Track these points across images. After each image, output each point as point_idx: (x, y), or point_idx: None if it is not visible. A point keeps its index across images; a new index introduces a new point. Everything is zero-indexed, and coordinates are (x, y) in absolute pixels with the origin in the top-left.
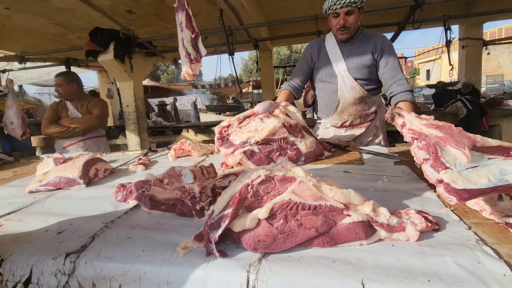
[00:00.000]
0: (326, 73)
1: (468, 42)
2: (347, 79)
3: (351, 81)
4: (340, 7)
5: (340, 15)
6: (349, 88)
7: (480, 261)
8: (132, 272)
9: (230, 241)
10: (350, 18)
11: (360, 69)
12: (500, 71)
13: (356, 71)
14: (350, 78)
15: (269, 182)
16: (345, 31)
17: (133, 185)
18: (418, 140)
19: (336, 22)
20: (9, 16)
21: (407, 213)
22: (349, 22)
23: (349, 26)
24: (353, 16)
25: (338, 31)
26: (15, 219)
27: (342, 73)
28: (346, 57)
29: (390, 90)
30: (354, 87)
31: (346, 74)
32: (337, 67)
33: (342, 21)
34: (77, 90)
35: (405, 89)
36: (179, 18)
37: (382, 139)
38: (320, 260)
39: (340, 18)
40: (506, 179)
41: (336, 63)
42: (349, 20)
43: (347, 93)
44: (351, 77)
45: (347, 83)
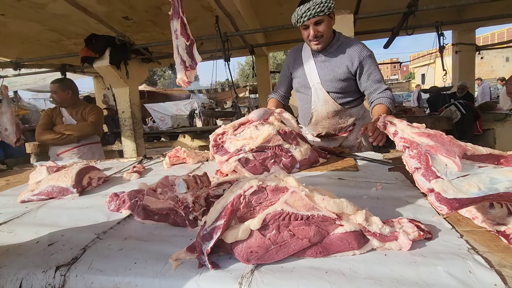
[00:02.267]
0: (301, 84)
1: (461, 47)
2: (320, 92)
3: (324, 94)
4: (307, 19)
5: (310, 27)
6: (322, 102)
7: (472, 270)
8: (123, 285)
9: (223, 252)
10: (320, 27)
11: (333, 82)
12: (494, 75)
13: (329, 84)
14: (323, 92)
15: (261, 193)
16: (318, 41)
17: (126, 195)
18: (409, 149)
19: (307, 34)
20: (4, 23)
21: (400, 222)
22: (320, 32)
23: (322, 34)
24: (323, 24)
25: (312, 42)
26: (6, 231)
27: (315, 85)
28: (320, 68)
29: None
30: (327, 101)
31: (320, 87)
32: (311, 79)
33: (312, 32)
34: (72, 97)
35: (385, 95)
36: (174, 26)
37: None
38: (313, 271)
39: (310, 29)
40: (496, 188)
41: (310, 75)
42: (319, 29)
43: (320, 106)
44: (324, 91)
45: (320, 96)
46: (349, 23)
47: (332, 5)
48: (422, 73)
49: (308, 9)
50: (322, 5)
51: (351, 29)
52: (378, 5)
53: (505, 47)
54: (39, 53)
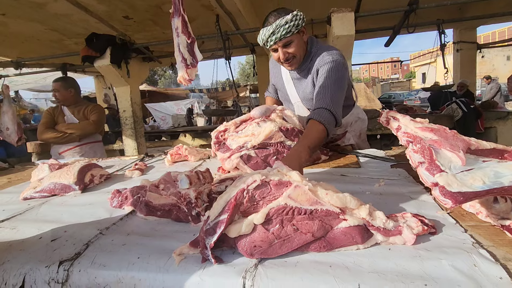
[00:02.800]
0: (283, 98)
1: (462, 46)
2: (301, 109)
3: (306, 112)
4: (274, 43)
5: (278, 50)
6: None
7: (477, 264)
8: (126, 279)
9: (226, 247)
10: (290, 49)
11: (309, 101)
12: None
13: (307, 103)
14: (305, 109)
15: (264, 187)
16: (290, 62)
17: (129, 191)
18: (413, 144)
19: (277, 56)
20: (5, 22)
21: (404, 217)
22: (291, 53)
23: (293, 55)
24: (293, 45)
25: (284, 64)
26: (9, 227)
27: (297, 103)
28: (297, 86)
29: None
30: None
31: (301, 105)
32: (292, 96)
33: (282, 55)
34: (74, 96)
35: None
36: (175, 24)
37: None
38: (317, 265)
39: (279, 52)
40: (500, 182)
41: (290, 92)
42: (290, 51)
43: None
44: (306, 109)
45: (302, 113)
46: (350, 21)
47: (300, 21)
48: (423, 72)
49: (273, 33)
50: (287, 25)
51: (352, 27)
52: (379, 3)
53: (506, 45)
54: (40, 53)
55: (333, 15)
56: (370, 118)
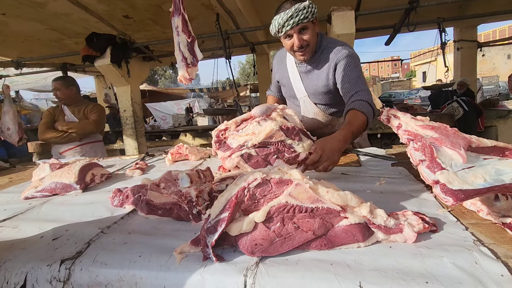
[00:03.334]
0: (289, 94)
1: (462, 44)
2: (308, 104)
3: (313, 107)
4: (291, 28)
5: (294, 36)
6: (312, 114)
7: (478, 261)
8: (128, 278)
9: (227, 245)
10: (305, 35)
11: (318, 95)
12: (495, 72)
13: (315, 97)
14: (312, 105)
15: (265, 185)
16: (304, 51)
17: (130, 190)
18: (414, 141)
19: (291, 44)
20: (5, 22)
21: (404, 215)
22: (306, 41)
23: (308, 43)
24: (309, 32)
25: (297, 52)
26: (10, 226)
27: (303, 98)
28: (305, 80)
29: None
30: (317, 113)
31: (307, 100)
32: (298, 91)
33: (298, 41)
34: (75, 94)
35: (359, 98)
36: (175, 23)
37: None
38: (318, 263)
39: (294, 39)
40: (501, 179)
41: (296, 87)
42: (304, 38)
43: (309, 119)
44: (313, 104)
45: (309, 109)
46: (350, 19)
47: (315, 10)
48: (423, 71)
49: (291, 16)
50: (305, 10)
51: (352, 26)
52: (379, 2)
53: (507, 43)
54: (40, 52)
55: (333, 13)
56: None
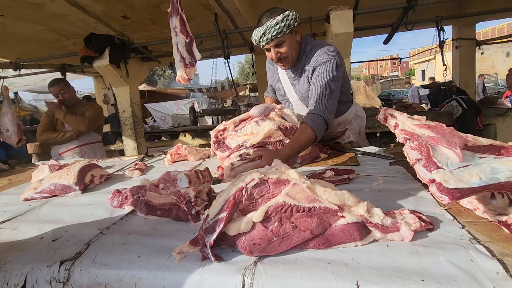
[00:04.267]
0: (282, 97)
1: (461, 43)
2: (301, 107)
3: (305, 110)
4: (266, 43)
5: (271, 49)
6: None
7: (473, 259)
8: (127, 278)
9: (226, 245)
10: (282, 49)
11: (307, 99)
12: (494, 70)
13: (306, 100)
14: (304, 108)
15: (263, 185)
16: (283, 63)
17: (129, 191)
18: (410, 141)
19: (270, 56)
20: (4, 23)
21: (401, 213)
22: (283, 53)
23: (285, 56)
24: (285, 45)
25: (278, 63)
26: (10, 227)
27: (295, 101)
28: (294, 85)
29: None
30: None
31: (299, 103)
32: (290, 95)
33: (274, 55)
34: (75, 93)
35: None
36: (173, 23)
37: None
38: (316, 262)
39: (271, 52)
40: (497, 178)
41: (288, 91)
42: (281, 51)
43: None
44: (305, 107)
45: (302, 112)
46: (349, 18)
47: (292, 21)
48: (422, 69)
49: (264, 33)
50: (278, 26)
51: (350, 24)
52: (377, 0)
53: (506, 41)
54: (38, 54)
55: (331, 12)
56: (370, 116)
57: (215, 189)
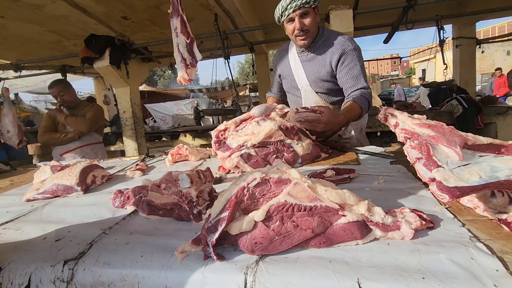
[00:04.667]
0: (290, 85)
1: (461, 41)
2: (310, 94)
3: (314, 96)
4: (293, 10)
5: (295, 19)
6: (313, 103)
7: (474, 257)
8: (130, 277)
9: (228, 244)
10: (306, 20)
11: (319, 82)
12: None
13: (317, 85)
14: (313, 93)
15: (264, 185)
16: (304, 36)
17: (131, 191)
18: (410, 140)
19: (293, 28)
20: (4, 25)
21: (402, 212)
22: (306, 25)
23: (308, 28)
24: (309, 17)
25: (297, 37)
26: (13, 228)
27: (304, 87)
28: (306, 68)
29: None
30: (318, 102)
31: (309, 89)
32: (299, 80)
33: (299, 24)
34: (76, 95)
35: (361, 94)
36: (173, 24)
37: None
38: (317, 261)
39: (295, 22)
40: (497, 176)
41: (298, 76)
42: (305, 22)
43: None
44: (314, 92)
45: (311, 98)
46: (349, 18)
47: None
48: (423, 68)
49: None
50: None
51: (350, 24)
52: (377, 0)
53: (506, 40)
54: (39, 55)
55: (331, 12)
56: (370, 115)
57: (216, 189)
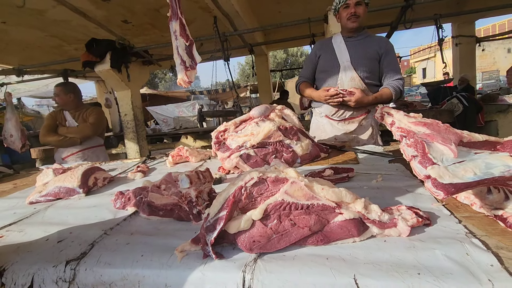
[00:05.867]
0: (329, 63)
1: (461, 40)
2: (348, 69)
3: (352, 71)
4: None
5: (350, 5)
6: (349, 78)
7: (469, 253)
8: (131, 276)
9: (226, 243)
10: (359, 8)
11: (362, 60)
12: (496, 66)
13: (358, 62)
14: (352, 69)
15: (262, 184)
16: (356, 19)
17: (131, 192)
18: (406, 138)
19: (347, 13)
20: (6, 30)
21: (398, 209)
22: (358, 12)
23: (359, 15)
24: (362, 7)
25: (349, 20)
26: (16, 230)
27: (344, 63)
28: (351, 49)
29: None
30: (354, 78)
31: (348, 65)
32: (341, 58)
33: (353, 9)
34: (74, 101)
35: (397, 84)
36: (173, 27)
37: (378, 140)
38: (314, 258)
39: (350, 8)
40: (491, 173)
41: (340, 55)
42: (358, 10)
43: (346, 82)
44: (353, 68)
45: (348, 74)
46: None
47: None
48: (423, 67)
49: None
50: None
51: None
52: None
53: (506, 37)
54: (40, 59)
55: (330, 13)
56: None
57: (216, 189)
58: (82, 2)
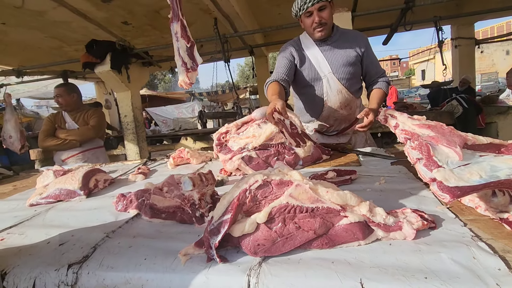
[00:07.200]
0: (309, 76)
1: (460, 42)
2: (332, 82)
3: (337, 84)
4: (312, 4)
5: (313, 13)
6: (335, 92)
7: (476, 256)
8: (134, 280)
9: (230, 246)
10: (324, 13)
11: (345, 67)
12: (495, 68)
13: (341, 70)
14: (336, 81)
15: (266, 187)
16: (322, 28)
17: (133, 195)
18: (411, 140)
19: (311, 21)
20: (5, 31)
21: (404, 212)
22: (324, 18)
23: (325, 21)
24: (327, 11)
25: (315, 29)
26: (17, 233)
27: (327, 75)
28: (328, 58)
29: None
30: (340, 91)
31: (331, 77)
32: (321, 69)
33: (317, 18)
34: (76, 101)
35: (384, 80)
36: (174, 28)
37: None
38: (319, 262)
39: (314, 16)
40: (497, 175)
41: (319, 66)
42: (323, 15)
43: (333, 97)
44: (336, 80)
45: (333, 87)
46: (347, 20)
47: None
48: (422, 69)
49: None
50: None
51: (349, 26)
52: (375, 2)
53: (505, 40)
54: (40, 60)
55: None
56: None
57: (218, 192)
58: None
